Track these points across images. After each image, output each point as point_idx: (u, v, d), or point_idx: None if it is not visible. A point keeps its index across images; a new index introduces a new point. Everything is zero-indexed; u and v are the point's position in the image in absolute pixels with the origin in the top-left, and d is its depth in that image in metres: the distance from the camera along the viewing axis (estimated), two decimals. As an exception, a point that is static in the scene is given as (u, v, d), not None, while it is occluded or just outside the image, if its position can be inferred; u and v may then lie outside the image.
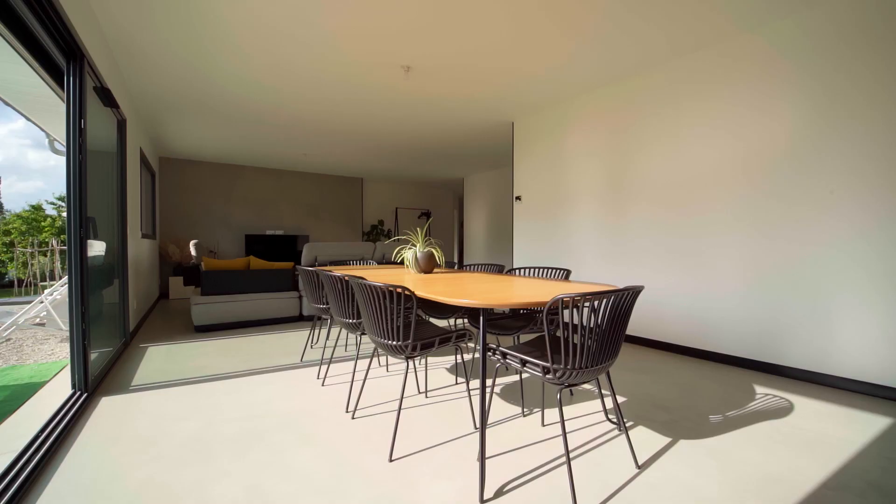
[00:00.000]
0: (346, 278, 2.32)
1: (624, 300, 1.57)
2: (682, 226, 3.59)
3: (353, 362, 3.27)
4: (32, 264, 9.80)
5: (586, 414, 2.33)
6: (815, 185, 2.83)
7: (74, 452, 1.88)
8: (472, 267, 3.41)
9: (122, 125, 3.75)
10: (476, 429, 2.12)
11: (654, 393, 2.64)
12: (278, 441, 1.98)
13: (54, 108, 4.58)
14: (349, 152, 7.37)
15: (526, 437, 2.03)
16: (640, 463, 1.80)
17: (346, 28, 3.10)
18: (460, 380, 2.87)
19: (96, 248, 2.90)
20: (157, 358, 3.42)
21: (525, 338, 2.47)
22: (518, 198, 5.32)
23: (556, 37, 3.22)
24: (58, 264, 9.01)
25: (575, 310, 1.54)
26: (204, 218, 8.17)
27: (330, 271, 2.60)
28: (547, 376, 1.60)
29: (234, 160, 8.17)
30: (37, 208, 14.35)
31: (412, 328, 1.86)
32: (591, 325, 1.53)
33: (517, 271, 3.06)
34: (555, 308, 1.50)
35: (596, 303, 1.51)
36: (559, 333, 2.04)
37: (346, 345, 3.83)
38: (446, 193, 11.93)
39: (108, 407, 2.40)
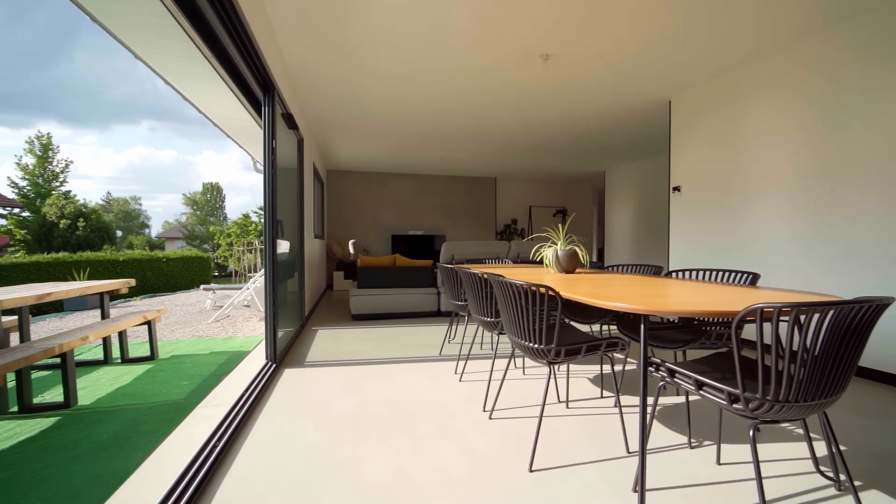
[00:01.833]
0: (485, 276, 2.29)
1: (857, 316, 1.14)
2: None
3: (489, 361, 3.25)
4: (243, 259, 12.70)
5: (784, 459, 1.81)
6: None
7: (266, 413, 2.28)
8: (621, 268, 3.04)
9: (300, 144, 4.51)
10: (629, 453, 1.84)
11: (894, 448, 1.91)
12: (422, 430, 2.06)
13: (256, 136, 5.80)
14: (484, 153, 7.49)
15: (695, 475, 1.68)
16: (883, 543, 1.29)
17: (478, 27, 3.10)
18: (607, 393, 2.57)
19: (283, 246, 3.52)
20: (324, 340, 3.99)
21: (693, 353, 2.06)
22: (676, 188, 4.59)
23: (734, -12, 2.63)
24: (259, 260, 11.44)
25: (772, 324, 1.18)
26: (359, 220, 9.35)
27: (468, 269, 2.61)
28: (735, 406, 1.27)
29: (382, 168, 9.14)
30: (246, 216, 18.55)
31: (556, 332, 1.71)
32: (804, 347, 1.15)
33: (680, 274, 2.60)
34: (747, 321, 1.18)
35: (815, 316, 1.13)
36: (741, 351, 1.62)
37: (482, 342, 3.85)
38: (583, 189, 11.16)
39: (290, 377, 2.87)
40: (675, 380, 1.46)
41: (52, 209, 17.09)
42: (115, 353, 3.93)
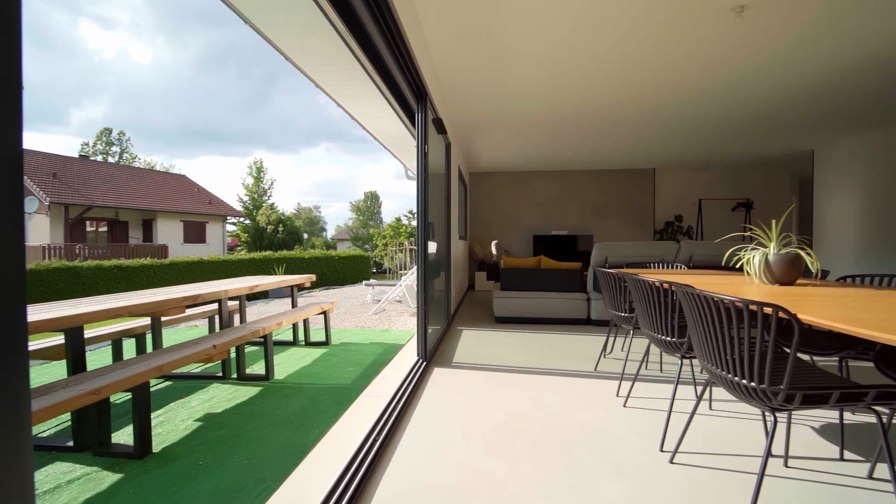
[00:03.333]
0: (666, 286, 1.86)
1: None
2: None
3: (663, 386, 2.72)
4: (395, 258, 14.05)
5: None
6: None
7: (418, 414, 2.31)
8: (866, 280, 2.18)
9: (448, 148, 4.62)
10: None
11: None
12: (583, 461, 1.78)
13: (407, 146, 6.25)
14: (642, 141, 6.57)
15: None
16: None
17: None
18: (853, 456, 1.84)
19: (431, 247, 3.62)
20: (469, 341, 3.99)
21: None
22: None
23: None
24: (408, 258, 12.48)
25: None
26: (500, 221, 9.32)
27: (638, 275, 2.20)
28: None
29: (524, 168, 8.91)
30: (398, 220, 20.58)
31: (788, 369, 1.23)
32: None
33: None
34: None
35: None
36: None
37: (646, 360, 3.29)
38: (776, 176, 8.88)
39: (439, 377, 2.90)
40: None
41: (263, 217, 21.98)
42: (300, 336, 4.67)
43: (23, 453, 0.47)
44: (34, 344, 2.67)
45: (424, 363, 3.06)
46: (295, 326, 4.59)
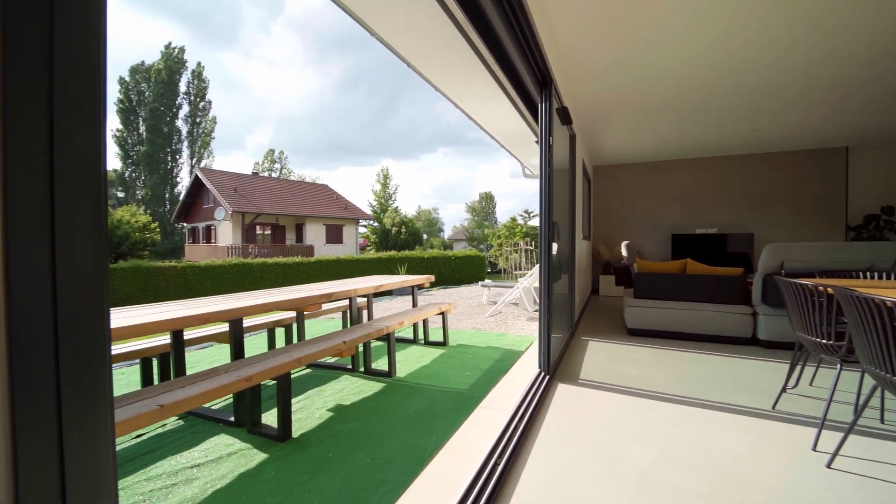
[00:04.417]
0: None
1: None
2: None
3: (889, 444, 1.97)
4: (510, 259, 13.79)
5: None
6: None
7: (543, 439, 2.05)
8: None
9: (572, 140, 4.22)
10: None
11: None
12: (774, 541, 1.32)
13: (525, 142, 5.96)
14: (832, 109, 5.09)
15: None
16: None
17: None
18: None
19: (555, 247, 3.31)
20: (597, 354, 3.55)
21: None
22: None
23: None
24: (523, 259, 12.10)
25: None
26: (628, 218, 8.33)
27: (850, 290, 1.58)
28: None
29: (659, 157, 7.79)
30: (513, 220, 20.22)
31: None
32: None
33: None
34: None
35: None
36: None
37: (855, 403, 2.44)
38: None
39: (564, 395, 2.59)
40: None
41: (388, 220, 23.93)
42: (420, 334, 4.79)
43: (103, 453, 0.44)
44: (211, 329, 3.20)
45: (547, 377, 2.78)
46: (415, 325, 4.72)
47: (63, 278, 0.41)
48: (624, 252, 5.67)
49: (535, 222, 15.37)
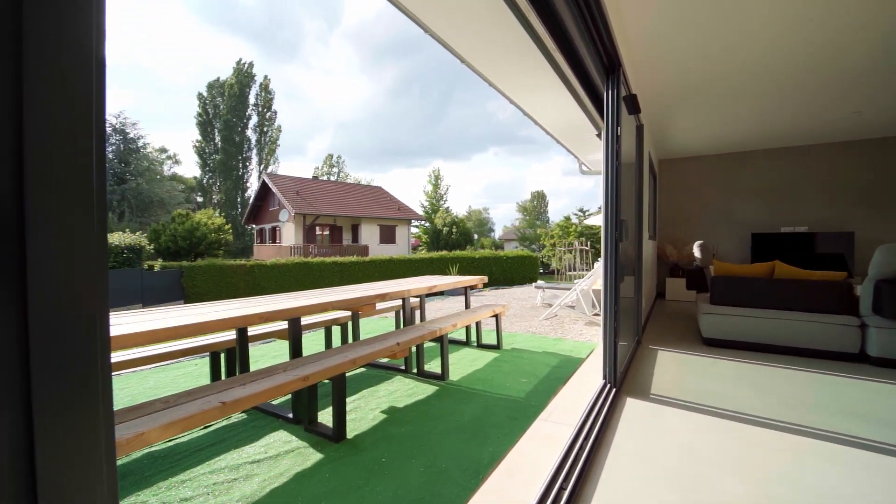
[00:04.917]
0: None
1: None
2: None
3: None
4: (563, 259, 13.24)
5: None
6: None
7: (612, 466, 1.85)
8: None
9: (639, 131, 3.89)
10: None
11: None
12: None
13: (585, 135, 5.62)
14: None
15: None
16: None
17: None
18: None
19: (621, 247, 3.04)
20: (668, 366, 3.22)
21: None
22: None
23: None
24: (577, 260, 11.56)
25: None
26: (699, 215, 7.62)
27: None
28: None
29: (736, 147, 7.03)
30: (567, 219, 19.46)
31: None
32: None
33: None
34: None
35: None
36: None
37: None
38: None
39: (634, 412, 2.35)
40: None
41: (439, 220, 24.10)
42: (472, 336, 4.67)
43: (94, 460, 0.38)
44: (272, 326, 3.32)
45: (614, 389, 2.55)
46: (467, 327, 4.62)
47: (60, 280, 0.37)
48: (697, 253, 5.15)
49: (591, 221, 14.63)
